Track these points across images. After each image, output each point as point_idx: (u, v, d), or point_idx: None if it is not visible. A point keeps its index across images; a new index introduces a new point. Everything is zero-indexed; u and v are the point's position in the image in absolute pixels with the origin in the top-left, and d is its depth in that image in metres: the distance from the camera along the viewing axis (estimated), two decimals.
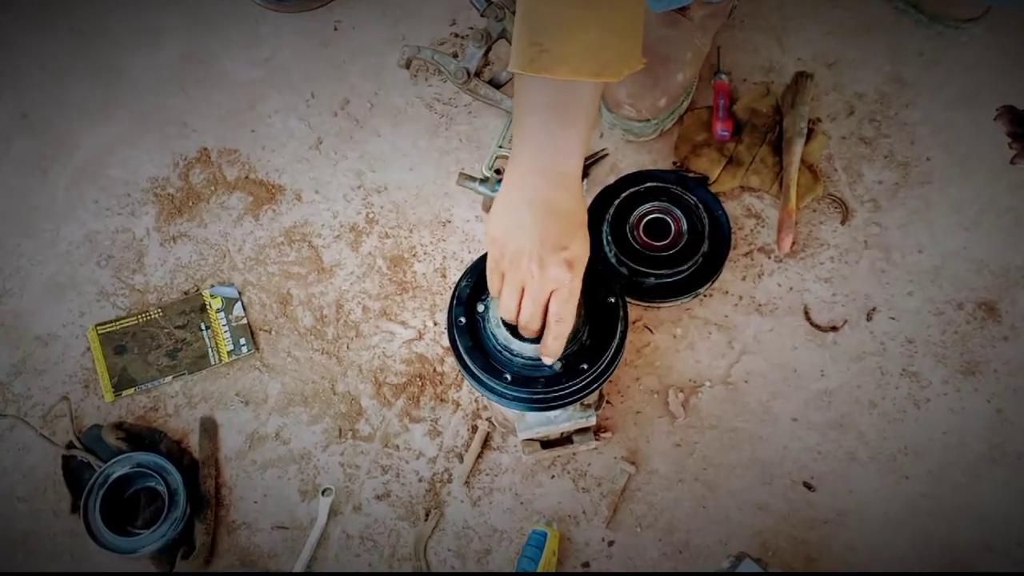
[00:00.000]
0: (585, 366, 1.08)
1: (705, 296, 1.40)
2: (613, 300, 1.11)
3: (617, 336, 1.10)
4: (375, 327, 1.42)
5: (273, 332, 1.43)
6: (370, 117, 1.56)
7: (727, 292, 1.40)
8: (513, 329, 1.07)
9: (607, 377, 1.11)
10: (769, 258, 1.42)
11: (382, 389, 1.38)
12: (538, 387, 1.08)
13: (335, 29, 1.62)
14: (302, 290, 1.45)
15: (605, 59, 0.95)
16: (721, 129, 1.46)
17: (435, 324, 1.41)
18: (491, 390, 1.10)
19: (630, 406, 1.35)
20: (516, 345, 1.07)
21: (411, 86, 1.57)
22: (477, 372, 1.09)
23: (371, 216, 1.50)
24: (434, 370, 1.39)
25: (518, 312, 1.03)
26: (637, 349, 1.37)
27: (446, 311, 1.25)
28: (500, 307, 1.04)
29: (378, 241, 1.48)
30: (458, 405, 1.37)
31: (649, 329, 1.38)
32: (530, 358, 1.07)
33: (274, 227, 1.50)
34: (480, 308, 1.11)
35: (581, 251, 1.01)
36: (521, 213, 0.99)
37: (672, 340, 1.38)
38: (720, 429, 1.33)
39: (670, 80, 1.43)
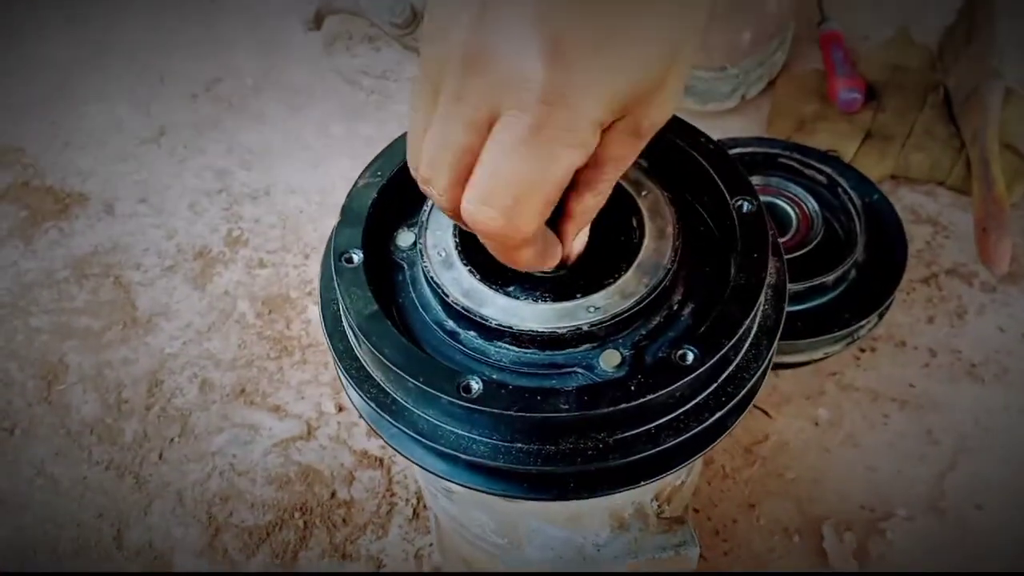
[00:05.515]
0: (690, 354, 0.38)
1: (863, 350, 0.73)
2: (753, 207, 0.43)
3: (767, 282, 0.41)
4: (221, 417, 0.72)
5: (18, 431, 0.73)
6: (251, 98, 0.94)
7: (904, 343, 0.73)
8: (484, 264, 0.39)
9: (758, 384, 0.42)
10: (971, 286, 0.76)
11: (221, 537, 0.67)
12: (562, 410, 0.37)
13: None
14: (88, 356, 0.76)
15: None
16: (846, 90, 0.85)
17: (339, 410, 0.72)
18: (421, 434, 0.39)
19: (740, 557, 0.64)
20: (493, 308, 0.39)
21: (324, 57, 0.97)
22: (390, 385, 0.39)
23: (235, 235, 0.84)
24: (332, 495, 0.68)
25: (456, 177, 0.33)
26: (745, 447, 0.68)
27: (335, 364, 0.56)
28: (412, 154, 0.35)
29: (244, 273, 0.81)
30: (380, 564, 0.65)
31: (764, 412, 0.70)
32: (536, 333, 0.38)
33: (56, 255, 0.83)
34: (404, 240, 0.43)
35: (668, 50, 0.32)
36: None
37: (815, 431, 0.69)
38: None
39: (757, 6, 0.84)
